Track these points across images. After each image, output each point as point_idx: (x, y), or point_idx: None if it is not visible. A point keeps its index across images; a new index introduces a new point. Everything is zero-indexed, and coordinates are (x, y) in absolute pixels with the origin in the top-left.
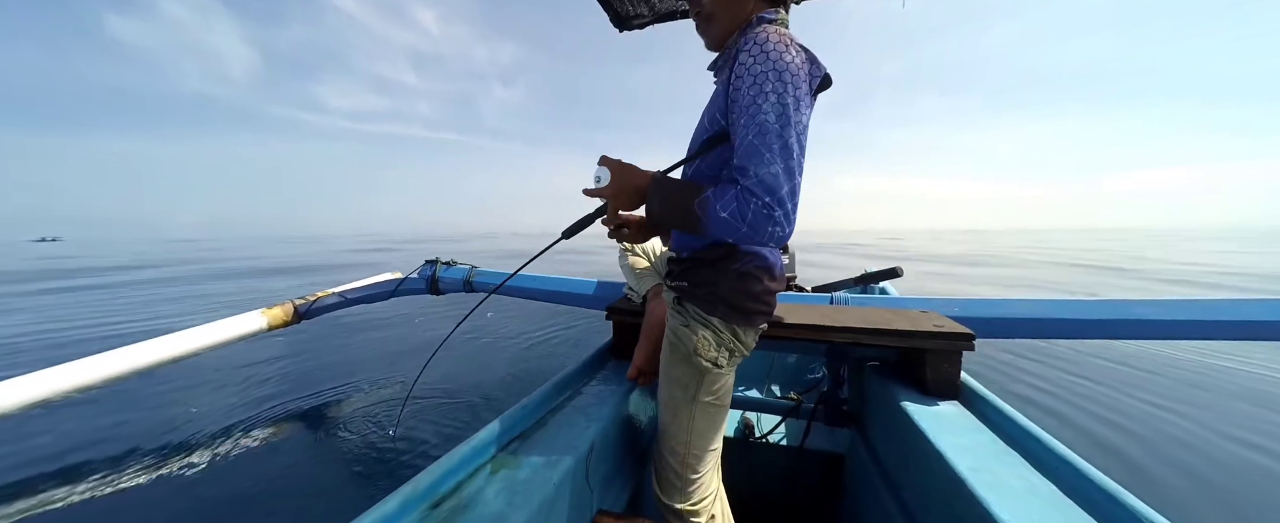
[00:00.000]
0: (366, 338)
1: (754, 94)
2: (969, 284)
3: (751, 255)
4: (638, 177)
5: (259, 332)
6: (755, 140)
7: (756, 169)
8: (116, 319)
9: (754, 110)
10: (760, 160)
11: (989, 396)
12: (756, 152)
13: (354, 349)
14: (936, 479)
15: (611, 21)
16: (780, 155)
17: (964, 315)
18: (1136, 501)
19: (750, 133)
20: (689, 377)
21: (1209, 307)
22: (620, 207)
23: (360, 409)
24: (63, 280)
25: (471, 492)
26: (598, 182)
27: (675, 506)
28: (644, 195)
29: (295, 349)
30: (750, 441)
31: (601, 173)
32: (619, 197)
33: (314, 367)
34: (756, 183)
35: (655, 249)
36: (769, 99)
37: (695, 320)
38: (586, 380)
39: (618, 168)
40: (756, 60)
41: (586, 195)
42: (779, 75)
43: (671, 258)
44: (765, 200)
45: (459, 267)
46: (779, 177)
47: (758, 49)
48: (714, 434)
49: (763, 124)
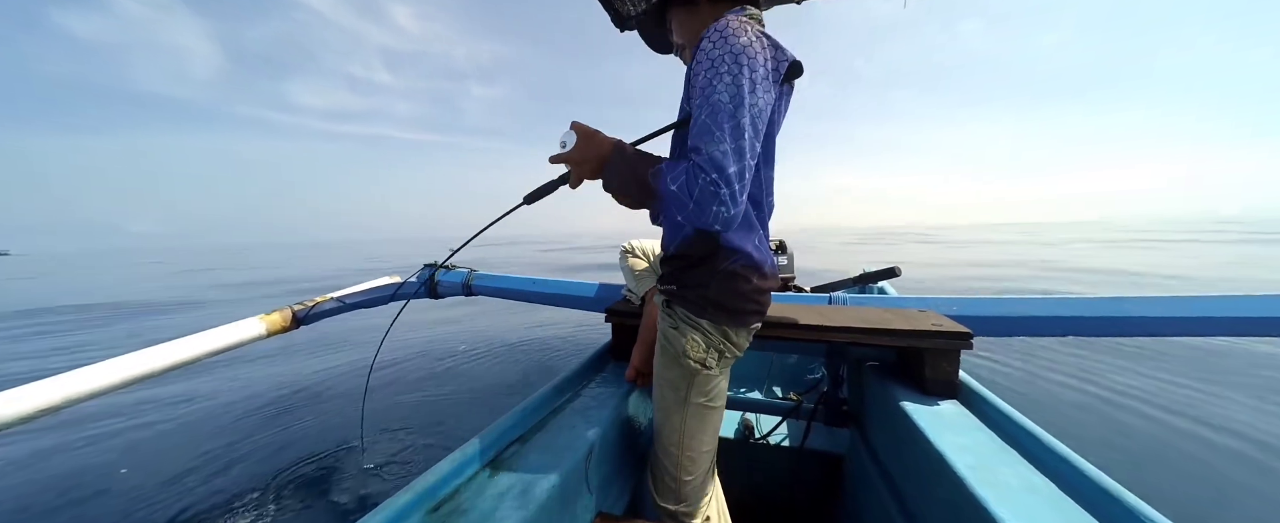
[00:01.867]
0: (363, 339)
1: (710, 76)
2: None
3: (738, 253)
4: (602, 144)
5: (257, 338)
6: (708, 120)
7: (707, 147)
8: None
9: (709, 91)
10: (711, 139)
11: (988, 394)
12: (708, 131)
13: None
14: (936, 479)
15: (613, 21)
16: (731, 135)
17: (962, 314)
18: (1135, 498)
19: (703, 113)
20: (680, 379)
21: (1209, 303)
22: (583, 173)
23: (353, 413)
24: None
25: (471, 495)
26: (563, 146)
27: (670, 508)
28: (606, 162)
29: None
30: (750, 441)
31: (568, 137)
32: (583, 163)
33: (302, 371)
34: (706, 160)
35: (656, 250)
36: (723, 80)
37: (684, 323)
38: (586, 383)
39: (584, 133)
40: (715, 45)
41: (551, 162)
42: (734, 58)
43: (662, 258)
44: (712, 176)
45: (458, 270)
46: (728, 155)
47: (717, 34)
48: (707, 436)
49: (716, 104)
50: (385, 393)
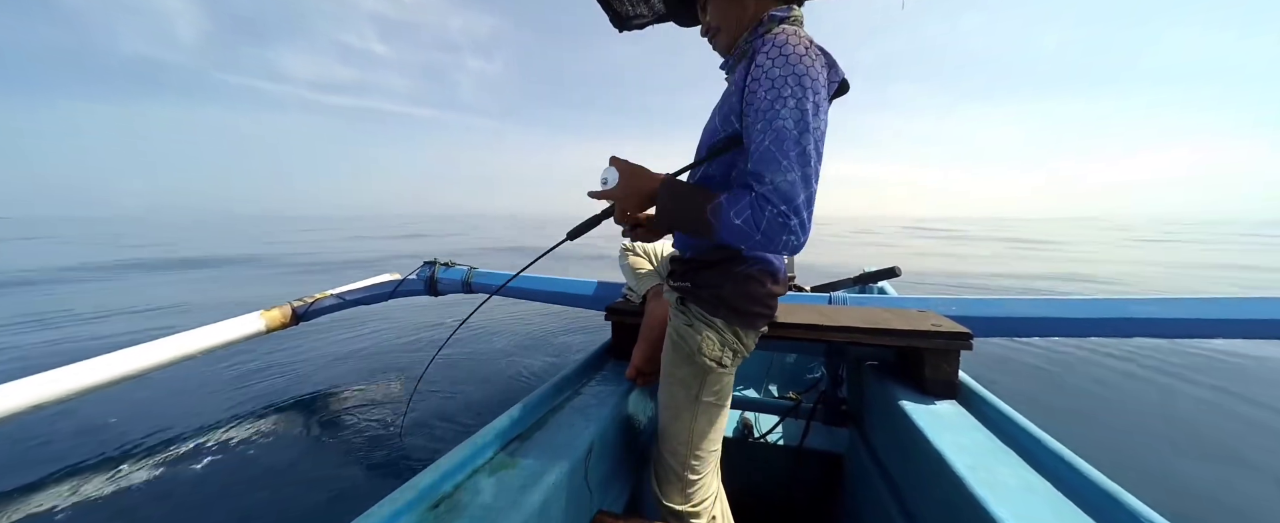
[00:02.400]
0: (362, 337)
1: (772, 99)
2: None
3: (756, 259)
4: (647, 180)
5: (257, 334)
6: (772, 146)
7: (773, 176)
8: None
9: (772, 116)
10: (777, 167)
11: (987, 395)
12: (773, 158)
13: (351, 348)
14: (935, 479)
15: (611, 21)
16: (798, 162)
17: (962, 315)
18: (1134, 499)
19: (767, 138)
20: (692, 377)
21: (1209, 305)
22: (628, 209)
23: (358, 409)
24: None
25: (471, 492)
26: (605, 184)
27: (675, 507)
28: (653, 199)
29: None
30: (749, 441)
31: (609, 174)
32: (627, 199)
33: (311, 368)
34: (772, 190)
35: (657, 250)
36: (788, 104)
37: (699, 321)
38: (585, 381)
39: (627, 170)
40: (775, 64)
41: (592, 197)
42: (799, 80)
43: (675, 257)
44: (781, 208)
45: (458, 267)
46: (795, 185)
47: (777, 52)
48: (714, 434)
49: (780, 130)
50: (382, 394)
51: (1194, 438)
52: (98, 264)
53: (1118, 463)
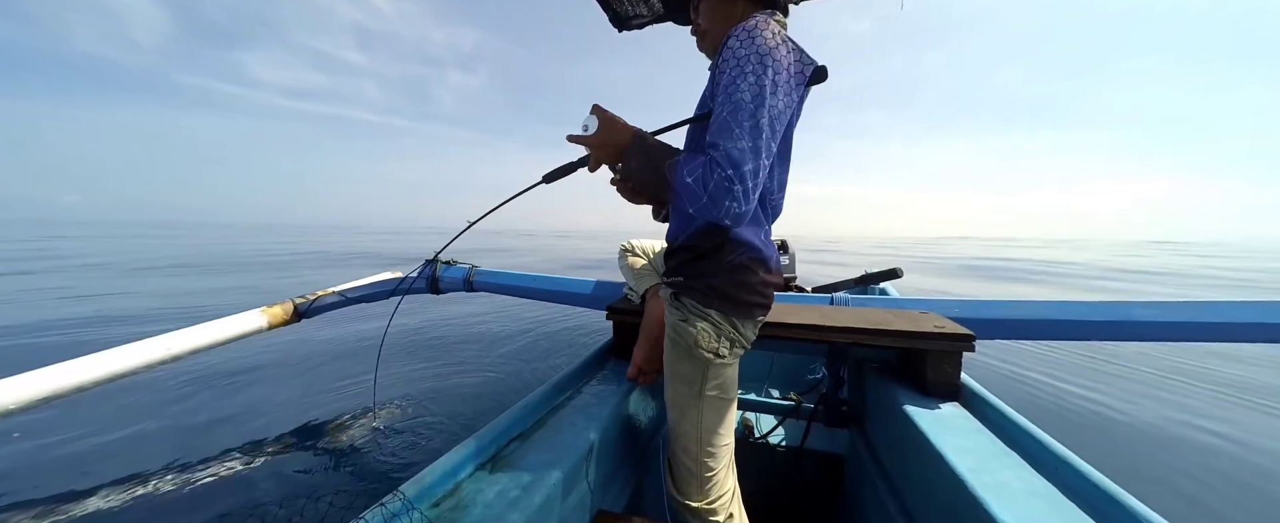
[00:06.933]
0: (362, 337)
1: (734, 74)
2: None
3: (744, 245)
4: (622, 131)
5: (259, 331)
6: (729, 117)
7: (725, 143)
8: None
9: (732, 89)
10: (730, 136)
11: (989, 396)
12: (728, 127)
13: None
14: (936, 480)
15: (610, 21)
16: (749, 133)
17: (964, 316)
18: (1136, 502)
19: (725, 109)
20: (693, 371)
21: (1213, 309)
22: (602, 157)
23: (357, 409)
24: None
25: (471, 491)
26: (585, 129)
27: (693, 504)
28: (625, 149)
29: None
30: (750, 441)
31: (590, 121)
32: (603, 147)
33: (306, 367)
34: (723, 155)
35: (655, 249)
36: (748, 79)
37: (693, 314)
38: (586, 380)
39: (606, 119)
40: (742, 44)
41: (570, 141)
42: (760, 59)
43: (668, 251)
44: (727, 172)
45: (459, 266)
46: (745, 153)
47: (745, 35)
48: (724, 429)
49: (737, 102)
50: (383, 392)
51: (1195, 439)
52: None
53: (1120, 466)
